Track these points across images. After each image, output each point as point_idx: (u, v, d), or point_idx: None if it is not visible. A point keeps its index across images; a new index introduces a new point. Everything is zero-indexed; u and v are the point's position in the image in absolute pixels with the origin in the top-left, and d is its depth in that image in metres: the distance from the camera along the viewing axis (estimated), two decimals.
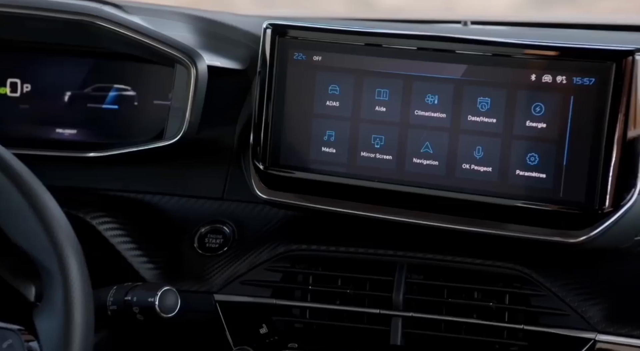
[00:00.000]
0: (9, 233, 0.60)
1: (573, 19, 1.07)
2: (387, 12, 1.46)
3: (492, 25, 1.07)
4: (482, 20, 1.08)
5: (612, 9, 1.39)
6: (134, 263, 0.81)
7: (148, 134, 0.87)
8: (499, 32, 1.00)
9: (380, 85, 0.74)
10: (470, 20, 1.03)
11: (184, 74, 0.80)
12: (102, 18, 0.80)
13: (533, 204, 0.70)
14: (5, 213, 0.59)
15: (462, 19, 1.03)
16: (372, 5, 1.63)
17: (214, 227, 0.84)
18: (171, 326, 0.79)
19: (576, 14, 1.30)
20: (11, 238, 0.60)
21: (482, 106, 0.71)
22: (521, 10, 1.46)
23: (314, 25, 0.77)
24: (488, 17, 1.13)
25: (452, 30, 1.00)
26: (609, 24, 1.00)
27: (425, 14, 1.22)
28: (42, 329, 0.58)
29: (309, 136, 0.77)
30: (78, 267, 0.57)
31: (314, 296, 0.79)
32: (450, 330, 0.76)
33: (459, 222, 0.73)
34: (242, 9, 0.98)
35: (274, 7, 1.24)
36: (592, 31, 0.99)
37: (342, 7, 1.56)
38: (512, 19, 1.13)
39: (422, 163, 0.74)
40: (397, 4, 1.52)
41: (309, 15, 1.02)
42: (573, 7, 1.44)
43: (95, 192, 0.86)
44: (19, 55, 0.91)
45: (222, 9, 1.00)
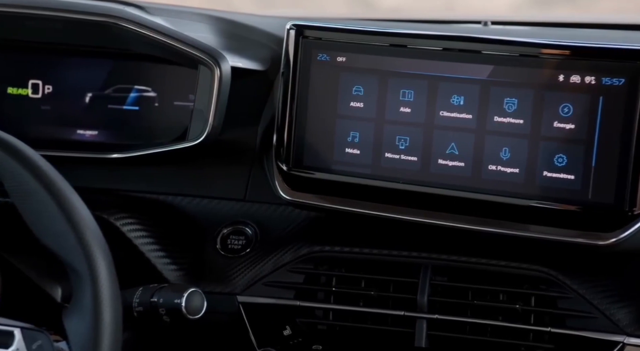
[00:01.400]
0: (37, 235, 0.60)
1: (575, 19, 1.07)
2: (387, 12, 1.46)
3: (513, 26, 1.06)
4: (502, 21, 1.07)
5: (612, 9, 1.39)
6: (157, 265, 0.81)
7: (169, 135, 0.87)
8: (521, 32, 0.99)
9: (405, 86, 0.74)
10: (491, 20, 1.03)
11: (207, 75, 0.80)
12: (126, 19, 0.80)
13: (561, 206, 0.69)
14: (34, 214, 0.59)
15: (482, 19, 1.03)
16: (372, 5, 1.63)
17: (236, 228, 0.84)
18: (194, 328, 0.79)
19: (578, 14, 1.29)
20: (40, 240, 0.60)
21: (509, 107, 0.70)
22: (521, 10, 1.45)
23: (338, 26, 0.77)
24: (508, 18, 1.13)
25: (472, 30, 0.99)
26: (615, 24, 0.99)
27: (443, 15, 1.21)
28: (72, 330, 0.58)
29: (333, 137, 0.77)
30: (107, 268, 0.57)
31: (337, 298, 0.78)
32: (475, 333, 0.75)
33: (484, 224, 0.73)
34: (242, 9, 0.98)
35: (273, 7, 1.24)
36: (615, 31, 0.98)
37: (342, 7, 1.56)
38: (532, 19, 1.12)
39: (448, 164, 0.73)
40: (396, 4, 1.52)
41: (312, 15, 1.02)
42: (573, 7, 1.44)
43: (117, 193, 0.87)
44: (40, 56, 0.91)
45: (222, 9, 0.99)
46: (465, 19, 1.10)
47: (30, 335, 0.59)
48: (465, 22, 1.09)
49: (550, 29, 1.03)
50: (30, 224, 0.60)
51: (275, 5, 1.39)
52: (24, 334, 0.59)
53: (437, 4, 1.45)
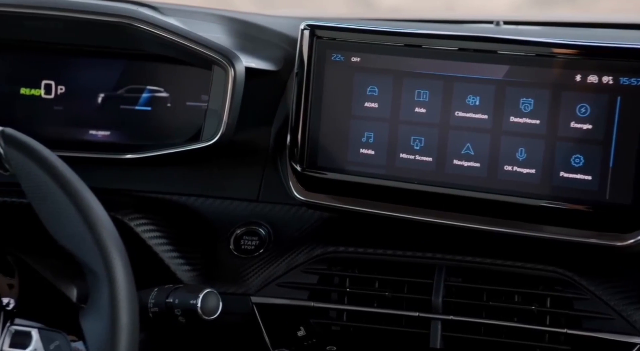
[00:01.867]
0: (55, 235, 0.60)
1: (579, 19, 1.06)
2: (387, 11, 1.46)
3: (525, 25, 1.06)
4: (514, 20, 1.07)
5: (612, 9, 1.38)
6: (170, 265, 0.81)
7: (181, 136, 0.87)
8: (533, 32, 0.99)
9: (420, 86, 0.74)
10: (503, 20, 1.02)
11: (221, 75, 0.80)
12: (140, 20, 0.80)
13: (578, 207, 0.69)
14: (51, 215, 0.59)
15: (494, 19, 1.02)
16: (372, 4, 1.62)
17: (249, 228, 0.84)
18: (208, 328, 0.79)
19: (579, 14, 1.28)
20: (57, 240, 0.60)
21: (525, 107, 0.70)
22: (521, 10, 1.45)
23: (353, 26, 0.77)
24: (520, 17, 1.12)
25: (485, 30, 0.99)
26: (619, 23, 0.99)
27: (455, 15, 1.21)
28: (88, 330, 0.58)
29: (347, 137, 0.77)
30: (123, 269, 0.57)
31: (351, 298, 0.78)
32: (490, 334, 0.75)
33: (500, 225, 0.72)
34: (243, 9, 0.97)
35: (273, 7, 1.24)
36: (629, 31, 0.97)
37: (342, 7, 1.56)
38: (545, 18, 1.12)
39: (463, 165, 0.73)
40: (396, 3, 1.52)
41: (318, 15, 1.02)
42: (573, 7, 1.43)
43: (130, 193, 0.87)
44: (52, 57, 0.91)
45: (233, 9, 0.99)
46: (476, 19, 1.10)
47: (48, 336, 0.59)
48: (476, 22, 1.08)
49: (564, 29, 1.03)
50: (47, 225, 0.60)
51: (275, 5, 1.39)
52: (42, 334, 0.59)
53: (437, 4, 1.44)
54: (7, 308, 0.60)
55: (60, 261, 0.67)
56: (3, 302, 0.60)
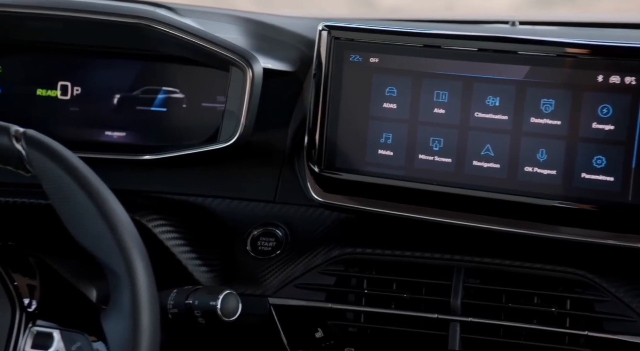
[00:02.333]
0: (76, 237, 0.60)
1: (576, 18, 1.06)
2: (387, 11, 1.45)
3: (541, 26, 1.05)
4: (530, 20, 1.06)
5: (612, 9, 1.37)
6: (188, 266, 0.81)
7: (196, 137, 0.87)
8: (550, 32, 0.98)
9: (439, 87, 0.73)
10: (518, 20, 1.02)
11: (239, 76, 0.80)
12: (158, 21, 0.80)
13: (599, 208, 0.68)
14: (73, 216, 0.59)
15: (509, 19, 1.02)
16: (372, 4, 1.62)
17: (266, 229, 0.84)
18: (226, 330, 0.79)
19: (579, 13, 1.28)
20: (78, 242, 0.60)
21: (546, 108, 0.70)
22: (521, 10, 1.44)
23: (371, 26, 0.77)
24: (535, 17, 1.12)
25: (501, 30, 0.98)
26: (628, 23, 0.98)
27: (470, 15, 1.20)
28: (110, 331, 0.58)
29: (365, 138, 0.76)
30: (145, 270, 0.57)
31: (368, 300, 0.78)
32: (509, 336, 0.75)
33: (519, 226, 0.72)
34: (243, 9, 0.97)
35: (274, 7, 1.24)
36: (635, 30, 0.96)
37: (343, 7, 1.56)
38: (560, 18, 1.11)
39: (483, 166, 0.72)
40: (396, 3, 1.51)
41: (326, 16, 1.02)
42: (573, 7, 1.43)
43: (147, 194, 0.87)
44: (69, 58, 0.91)
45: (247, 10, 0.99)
46: (492, 19, 1.09)
47: (69, 337, 0.59)
48: (492, 22, 1.08)
49: (580, 29, 1.02)
50: (69, 226, 0.60)
51: (275, 5, 1.39)
52: (63, 336, 0.59)
53: (437, 4, 1.44)
54: (29, 310, 0.60)
55: (80, 262, 0.67)
56: (24, 303, 0.60)
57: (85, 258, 0.62)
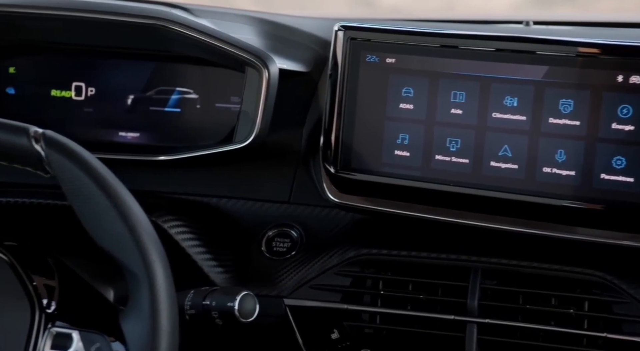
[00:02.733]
0: (95, 237, 0.60)
1: (591, 18, 1.05)
2: (387, 11, 1.45)
3: (556, 25, 1.05)
4: (544, 20, 1.06)
5: (612, 8, 1.37)
6: (203, 267, 0.81)
7: (210, 138, 0.86)
8: (565, 32, 0.98)
9: (457, 87, 0.73)
10: (533, 20, 1.01)
11: (255, 77, 0.80)
12: (175, 22, 0.80)
13: (619, 209, 0.68)
14: (92, 217, 0.59)
15: (523, 19, 1.02)
16: (372, 4, 1.62)
17: (281, 230, 0.84)
18: (242, 331, 0.79)
19: (579, 13, 1.27)
20: (97, 242, 0.60)
21: (565, 108, 0.69)
22: (521, 10, 1.44)
23: (388, 27, 0.76)
24: (550, 17, 1.11)
25: (515, 30, 0.98)
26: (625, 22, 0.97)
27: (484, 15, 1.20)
28: (129, 332, 0.58)
29: (382, 139, 0.76)
30: (163, 271, 0.57)
31: (384, 301, 0.78)
32: (526, 337, 0.74)
33: (538, 227, 0.72)
34: (242, 8, 0.97)
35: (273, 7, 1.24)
36: None
37: (342, 7, 1.55)
38: (575, 18, 1.11)
39: (500, 166, 0.72)
40: (396, 3, 1.51)
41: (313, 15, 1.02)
42: (573, 7, 1.42)
43: (162, 195, 0.86)
44: (83, 58, 0.91)
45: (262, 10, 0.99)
46: (505, 19, 1.09)
47: (89, 337, 0.59)
48: (505, 22, 1.07)
49: (596, 29, 1.01)
50: (88, 227, 0.60)
51: (275, 5, 1.38)
52: (82, 336, 0.59)
53: (437, 4, 1.43)
54: (48, 311, 0.60)
55: (98, 263, 0.67)
56: (43, 304, 0.60)
57: (102, 259, 0.62)
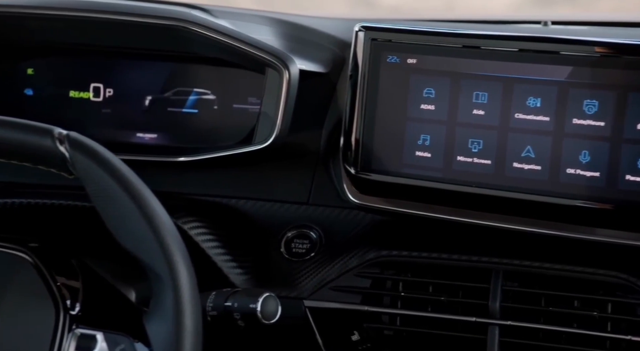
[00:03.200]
0: (118, 239, 0.60)
1: (576, 17, 1.05)
2: (387, 11, 1.44)
3: (574, 25, 1.04)
4: (562, 20, 1.05)
5: (612, 8, 1.36)
6: (223, 268, 0.81)
7: (228, 139, 0.86)
8: (584, 32, 0.97)
9: (479, 88, 0.73)
10: (551, 20, 1.01)
11: (275, 78, 0.79)
12: (196, 23, 0.80)
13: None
14: (115, 219, 0.59)
15: (541, 19, 1.01)
16: (372, 4, 1.61)
17: (300, 231, 0.83)
18: (262, 332, 0.78)
19: (579, 13, 1.26)
20: (121, 243, 0.60)
21: (589, 109, 0.69)
22: (521, 10, 1.43)
23: (409, 27, 0.76)
24: (568, 17, 1.10)
25: (535, 30, 0.97)
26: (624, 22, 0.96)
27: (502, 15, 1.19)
28: (153, 334, 0.58)
29: (403, 140, 0.76)
30: (187, 273, 0.57)
31: (404, 303, 0.77)
32: (549, 340, 0.74)
33: (561, 229, 0.71)
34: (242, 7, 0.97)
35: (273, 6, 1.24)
36: None
37: (342, 7, 1.55)
38: (592, 18, 1.10)
39: (523, 167, 0.72)
40: (396, 3, 1.50)
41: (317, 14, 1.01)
42: (573, 7, 1.41)
43: (182, 196, 0.86)
44: (101, 59, 0.91)
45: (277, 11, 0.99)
46: (523, 19, 1.08)
47: (113, 339, 0.59)
48: (523, 22, 1.07)
49: (614, 29, 1.01)
50: (112, 228, 0.60)
51: (275, 5, 1.38)
52: (107, 338, 0.59)
53: (437, 4, 1.43)
54: (72, 312, 0.60)
55: (120, 264, 0.67)
56: (67, 305, 0.60)
57: (124, 260, 0.62)
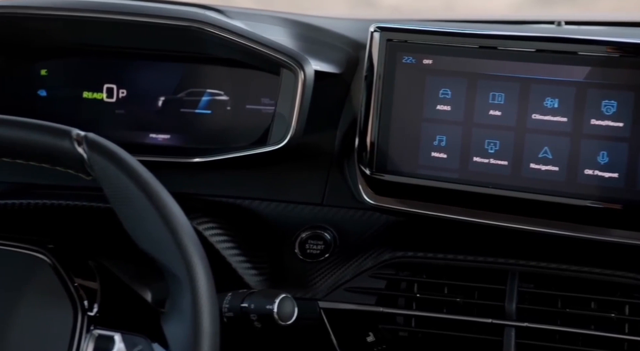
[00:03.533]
0: (136, 240, 0.60)
1: (587, 18, 1.04)
2: (388, 11, 1.44)
3: (588, 25, 1.04)
4: (576, 20, 1.05)
5: (612, 8, 1.35)
6: (238, 269, 0.81)
7: (241, 139, 0.86)
8: (599, 32, 0.96)
9: (495, 88, 0.72)
10: (564, 20, 1.00)
11: (290, 79, 0.79)
12: (211, 24, 0.80)
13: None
14: (133, 220, 0.59)
15: (555, 19, 1.00)
16: (373, 4, 1.61)
17: (314, 232, 0.83)
18: (277, 334, 0.78)
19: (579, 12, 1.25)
20: (138, 244, 0.60)
21: (607, 109, 0.68)
22: (522, 10, 1.42)
23: (425, 28, 0.76)
24: (582, 17, 1.10)
25: (550, 30, 0.96)
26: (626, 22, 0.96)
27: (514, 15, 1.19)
28: (171, 335, 0.58)
29: (419, 141, 0.76)
30: (205, 274, 0.57)
31: (419, 304, 0.77)
32: (565, 342, 0.73)
33: (578, 230, 0.71)
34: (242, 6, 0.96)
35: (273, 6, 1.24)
36: None
37: (342, 7, 1.55)
38: (606, 18, 1.09)
39: (540, 168, 0.71)
40: (396, 3, 1.50)
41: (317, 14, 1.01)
42: (574, 6, 1.40)
43: (197, 197, 0.86)
44: (115, 60, 0.91)
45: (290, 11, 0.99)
46: (535, 19, 1.08)
47: (131, 340, 0.59)
48: (536, 22, 1.06)
49: (628, 29, 1.00)
50: (129, 229, 0.60)
51: (275, 4, 1.38)
52: (124, 339, 0.59)
53: (437, 4, 1.43)
54: (90, 313, 0.60)
55: (136, 265, 0.67)
56: (85, 306, 0.60)
57: (139, 261, 0.62)
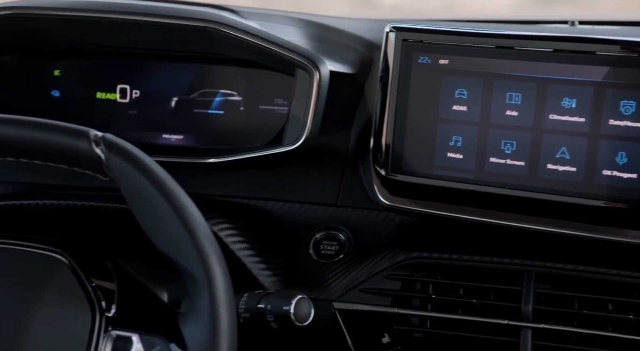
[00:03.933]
0: (154, 240, 0.60)
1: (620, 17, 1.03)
2: (388, 11, 1.44)
3: (602, 25, 1.03)
4: (589, 20, 1.04)
5: (612, 8, 1.35)
6: (253, 270, 0.81)
7: (255, 140, 0.86)
8: (614, 32, 0.96)
9: (512, 88, 0.72)
10: (578, 20, 1.00)
11: (305, 79, 0.79)
12: (227, 24, 0.79)
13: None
14: (151, 220, 0.59)
15: (568, 19, 1.00)
16: (373, 4, 1.61)
17: (328, 233, 0.83)
18: (292, 335, 0.78)
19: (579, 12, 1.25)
20: (156, 245, 0.60)
21: (626, 110, 0.68)
22: (522, 10, 1.42)
23: (441, 28, 0.75)
24: (594, 17, 1.09)
25: (566, 30, 0.96)
26: None
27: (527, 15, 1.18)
28: (189, 335, 0.58)
29: (434, 141, 0.75)
30: (222, 275, 0.57)
31: (435, 305, 0.77)
32: (582, 343, 0.73)
33: (595, 231, 0.70)
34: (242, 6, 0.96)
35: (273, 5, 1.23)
36: None
37: (343, 7, 1.55)
38: (618, 18, 1.09)
39: (558, 169, 0.71)
40: (396, 3, 1.50)
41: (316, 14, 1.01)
42: (574, 6, 1.40)
43: (211, 198, 0.86)
44: (128, 61, 0.92)
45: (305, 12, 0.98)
46: (549, 19, 1.07)
47: (148, 341, 0.59)
48: (549, 22, 1.06)
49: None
50: (147, 230, 0.60)
51: (275, 4, 1.38)
52: (142, 339, 0.59)
53: (437, 4, 1.42)
54: (108, 314, 0.60)
55: (153, 266, 0.67)
56: (103, 306, 0.60)
57: (156, 262, 0.62)
